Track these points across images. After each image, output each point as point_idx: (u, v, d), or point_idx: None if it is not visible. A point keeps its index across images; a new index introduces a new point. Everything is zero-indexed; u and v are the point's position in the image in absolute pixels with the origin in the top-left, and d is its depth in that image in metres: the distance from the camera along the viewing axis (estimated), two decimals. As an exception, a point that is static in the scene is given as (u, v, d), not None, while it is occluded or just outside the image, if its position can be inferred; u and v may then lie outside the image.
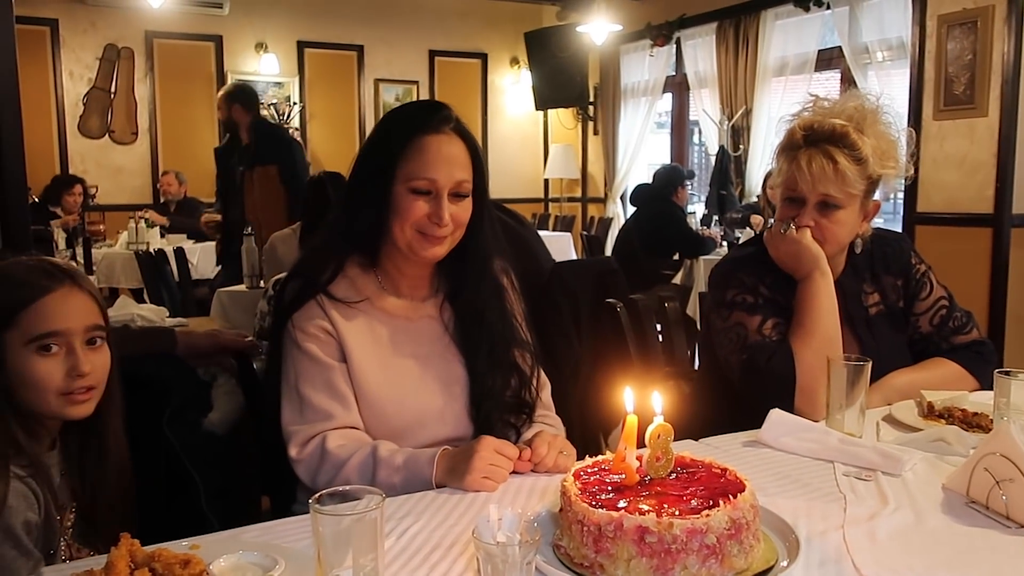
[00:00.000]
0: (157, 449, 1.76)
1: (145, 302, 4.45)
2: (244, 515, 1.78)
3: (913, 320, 2.08)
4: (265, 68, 8.56)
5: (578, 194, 9.93)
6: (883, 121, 1.91)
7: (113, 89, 8.14)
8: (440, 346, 1.74)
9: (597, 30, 7.79)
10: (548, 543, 1.20)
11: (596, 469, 1.25)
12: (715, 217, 6.81)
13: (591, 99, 9.40)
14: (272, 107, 8.51)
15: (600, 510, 1.11)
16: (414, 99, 9.29)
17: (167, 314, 3.35)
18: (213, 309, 4.20)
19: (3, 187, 2.47)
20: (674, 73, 8.60)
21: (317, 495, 0.98)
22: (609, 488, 1.19)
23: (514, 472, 1.52)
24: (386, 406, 1.65)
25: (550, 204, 10.02)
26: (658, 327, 2.82)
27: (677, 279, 5.86)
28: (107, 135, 8.16)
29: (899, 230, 5.18)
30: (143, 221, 6.60)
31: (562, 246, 7.32)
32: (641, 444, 1.22)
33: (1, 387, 1.39)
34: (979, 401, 1.83)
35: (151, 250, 5.44)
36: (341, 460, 1.57)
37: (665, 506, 1.12)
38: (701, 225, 6.79)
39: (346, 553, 0.97)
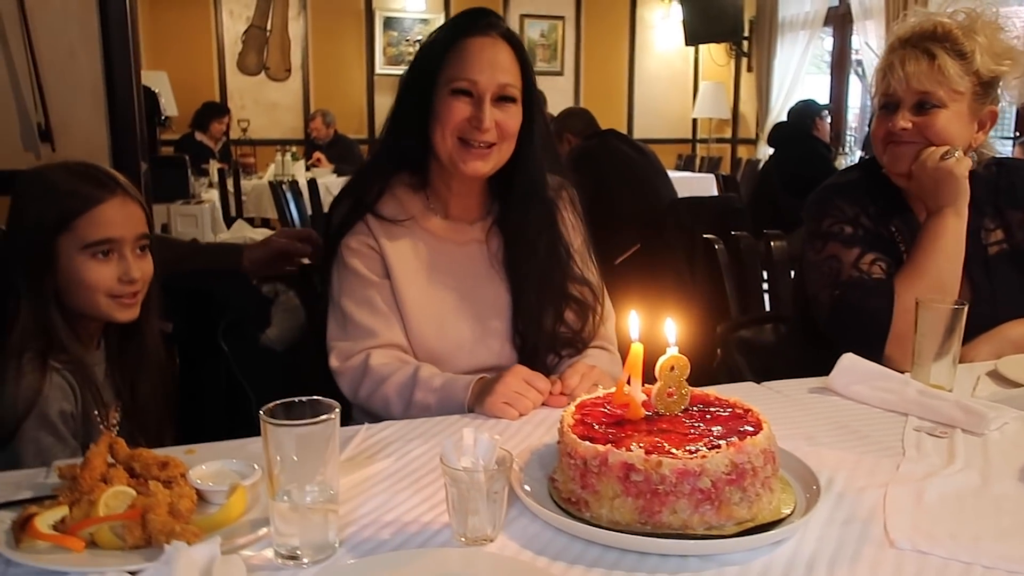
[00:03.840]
0: (216, 360, 1.79)
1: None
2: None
3: (1044, 263, 1.81)
4: (411, 5, 8.61)
5: (728, 135, 9.49)
6: (1000, 26, 1.65)
7: (269, 27, 8.42)
8: (485, 272, 1.67)
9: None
10: (547, 475, 1.12)
11: (604, 401, 1.15)
12: (870, 160, 6.30)
13: (745, 33, 8.89)
14: (418, 44, 8.56)
15: (586, 443, 1.01)
16: (560, 36, 9.12)
17: (278, 238, 3.45)
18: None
19: (115, 125, 2.59)
20: (837, 3, 7.98)
21: (271, 405, 0.94)
22: (610, 421, 1.09)
23: (549, 405, 1.44)
24: (425, 328, 1.61)
25: (698, 145, 9.62)
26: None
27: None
28: (263, 72, 8.48)
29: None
30: (289, 154, 6.85)
31: (704, 188, 7.02)
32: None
33: (51, 287, 1.45)
34: (1110, 359, 1.58)
35: (288, 182, 5.63)
36: (383, 376, 1.55)
37: (664, 444, 1.01)
38: (856, 168, 6.30)
39: (300, 468, 0.93)
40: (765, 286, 2.63)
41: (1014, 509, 1.05)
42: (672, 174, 7.35)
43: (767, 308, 2.58)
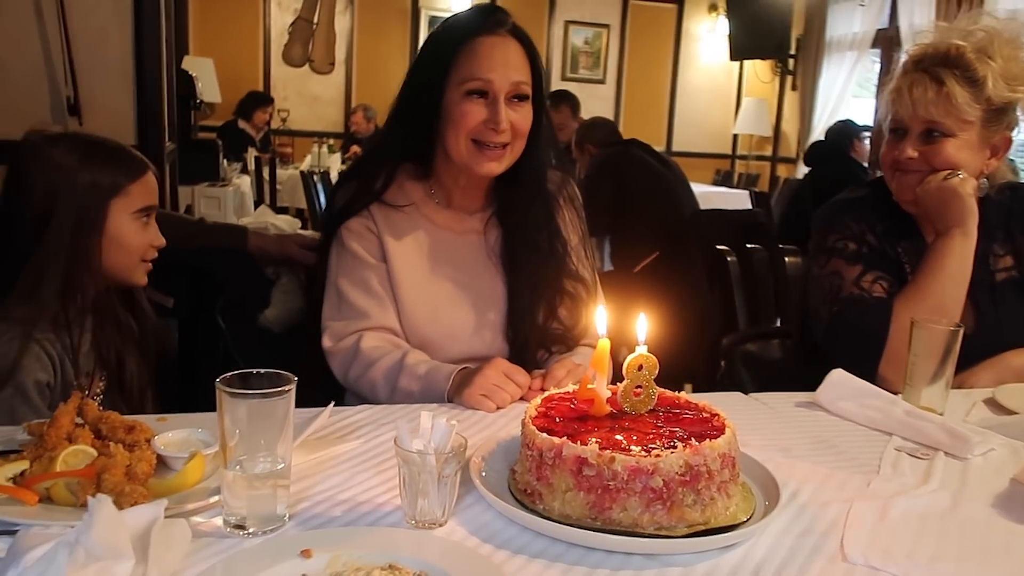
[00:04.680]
0: (215, 337, 1.81)
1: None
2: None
3: (1056, 292, 1.77)
4: (457, 5, 8.65)
5: (768, 152, 9.40)
6: (1021, 44, 1.61)
7: (316, 20, 8.51)
8: (482, 262, 1.67)
9: (799, -26, 7.23)
10: (509, 466, 1.12)
11: (571, 396, 1.14)
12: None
13: (792, 51, 8.81)
14: (461, 44, 8.59)
15: (543, 435, 1.01)
16: (604, 44, 9.10)
17: (299, 225, 3.50)
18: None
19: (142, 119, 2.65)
20: (886, 26, 7.87)
21: (227, 375, 0.95)
22: (574, 416, 1.08)
23: (528, 400, 1.44)
24: (419, 314, 1.61)
25: (737, 161, 9.55)
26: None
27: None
28: (307, 64, 8.58)
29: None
30: (325, 146, 6.93)
31: (739, 203, 6.95)
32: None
33: (96, 248, 1.49)
34: (1114, 393, 1.53)
35: (320, 173, 5.68)
36: (372, 360, 1.55)
37: (623, 441, 1.00)
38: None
39: (253, 439, 0.94)
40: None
41: (979, 532, 1.03)
42: (707, 188, 7.34)
43: (779, 323, 2.55)
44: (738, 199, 7.07)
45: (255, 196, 6.12)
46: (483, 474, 1.08)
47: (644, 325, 1.11)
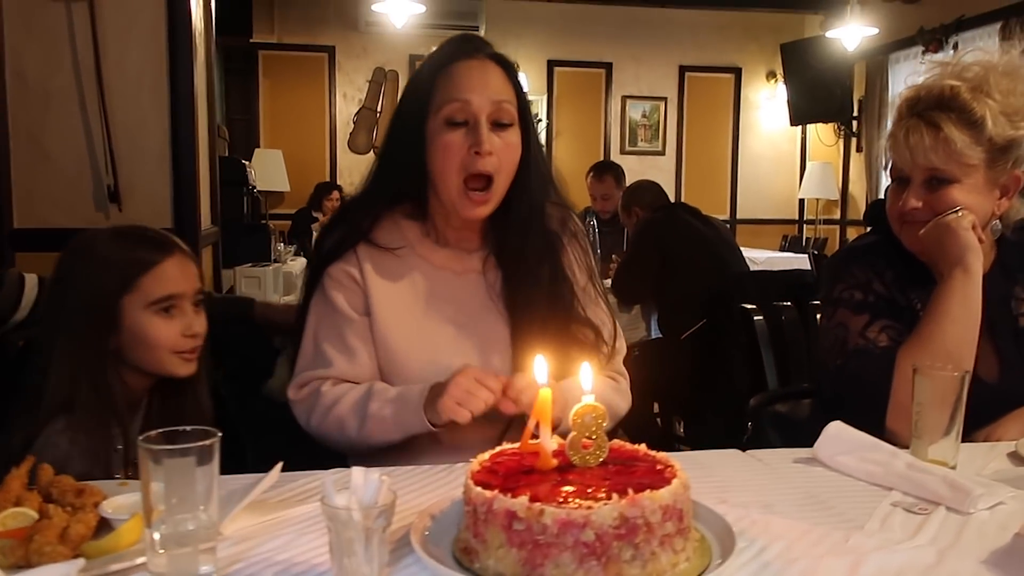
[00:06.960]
0: (220, 406, 1.83)
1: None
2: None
3: (1087, 338, 1.65)
4: (513, 83, 8.84)
5: (836, 216, 9.19)
6: (1020, 76, 1.53)
7: (379, 108, 8.84)
8: (483, 303, 1.60)
9: (850, 35, 7.19)
10: (458, 524, 1.08)
11: (520, 451, 1.10)
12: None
13: (854, 113, 8.68)
14: (520, 124, 8.76)
15: (478, 488, 0.97)
16: (661, 116, 9.14)
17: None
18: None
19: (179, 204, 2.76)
20: (950, 81, 7.70)
21: (152, 433, 0.94)
22: (519, 470, 1.04)
23: (501, 408, 1.39)
24: (411, 363, 1.55)
25: (805, 226, 9.36)
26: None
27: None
28: (372, 151, 8.88)
29: None
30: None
31: (801, 267, 6.81)
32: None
33: (115, 347, 1.51)
34: None
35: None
36: (336, 397, 1.52)
37: (559, 493, 0.95)
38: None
39: (179, 498, 0.93)
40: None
41: (959, 591, 0.94)
42: (771, 254, 7.19)
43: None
44: (800, 263, 6.91)
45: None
46: (426, 533, 1.04)
47: (589, 373, 1.07)
